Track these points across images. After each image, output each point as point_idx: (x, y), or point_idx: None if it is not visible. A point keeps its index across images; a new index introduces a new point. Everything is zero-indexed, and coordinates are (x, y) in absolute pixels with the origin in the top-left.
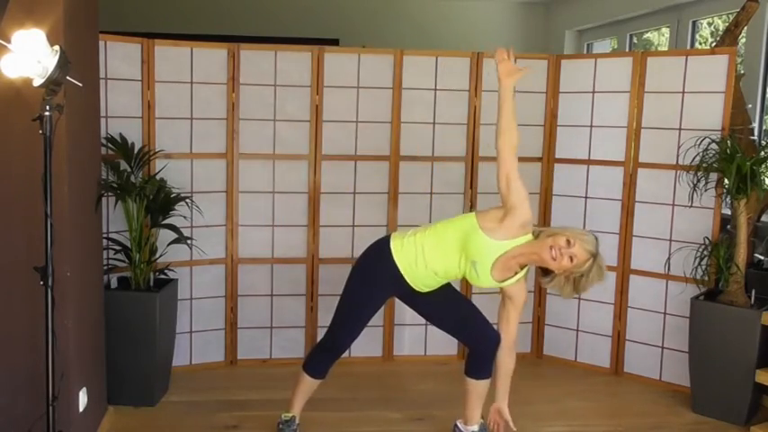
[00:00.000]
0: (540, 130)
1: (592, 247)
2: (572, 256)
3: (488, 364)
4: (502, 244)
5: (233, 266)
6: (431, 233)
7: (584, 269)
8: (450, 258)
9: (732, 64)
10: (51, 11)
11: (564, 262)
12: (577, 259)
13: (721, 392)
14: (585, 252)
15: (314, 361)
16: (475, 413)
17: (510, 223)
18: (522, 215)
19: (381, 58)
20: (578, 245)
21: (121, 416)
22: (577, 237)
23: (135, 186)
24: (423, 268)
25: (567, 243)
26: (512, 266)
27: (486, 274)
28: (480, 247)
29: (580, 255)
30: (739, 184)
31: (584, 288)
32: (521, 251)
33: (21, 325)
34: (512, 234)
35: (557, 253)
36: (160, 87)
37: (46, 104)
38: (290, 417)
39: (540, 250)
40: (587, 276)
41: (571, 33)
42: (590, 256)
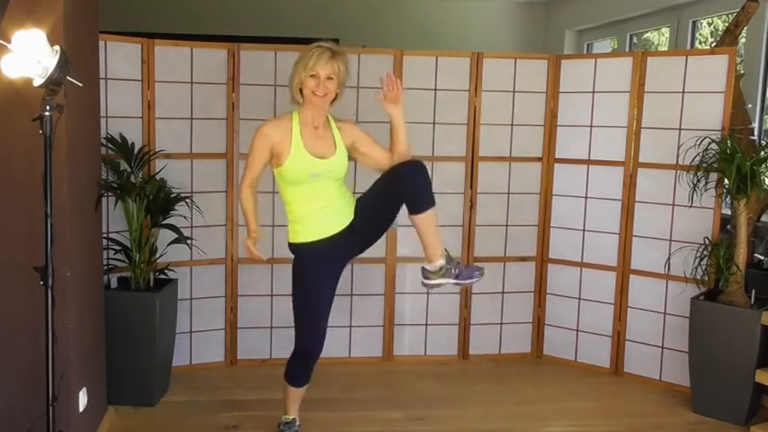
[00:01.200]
0: (540, 130)
1: (326, 54)
2: (327, 77)
3: (420, 191)
4: (294, 146)
5: (233, 266)
6: (283, 198)
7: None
8: (301, 190)
9: (732, 64)
10: (51, 11)
11: (325, 86)
12: (326, 72)
13: (721, 392)
14: (326, 61)
15: (292, 371)
16: (435, 247)
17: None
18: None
19: (381, 58)
20: (318, 67)
21: (121, 416)
22: (313, 64)
23: (135, 186)
24: (307, 218)
25: (315, 77)
26: (318, 135)
27: (309, 158)
28: (291, 168)
29: (326, 69)
30: (739, 184)
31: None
32: (303, 119)
33: (21, 325)
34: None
35: (316, 88)
36: (160, 87)
37: (46, 104)
38: (290, 419)
39: (307, 102)
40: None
41: (571, 33)
42: (331, 57)
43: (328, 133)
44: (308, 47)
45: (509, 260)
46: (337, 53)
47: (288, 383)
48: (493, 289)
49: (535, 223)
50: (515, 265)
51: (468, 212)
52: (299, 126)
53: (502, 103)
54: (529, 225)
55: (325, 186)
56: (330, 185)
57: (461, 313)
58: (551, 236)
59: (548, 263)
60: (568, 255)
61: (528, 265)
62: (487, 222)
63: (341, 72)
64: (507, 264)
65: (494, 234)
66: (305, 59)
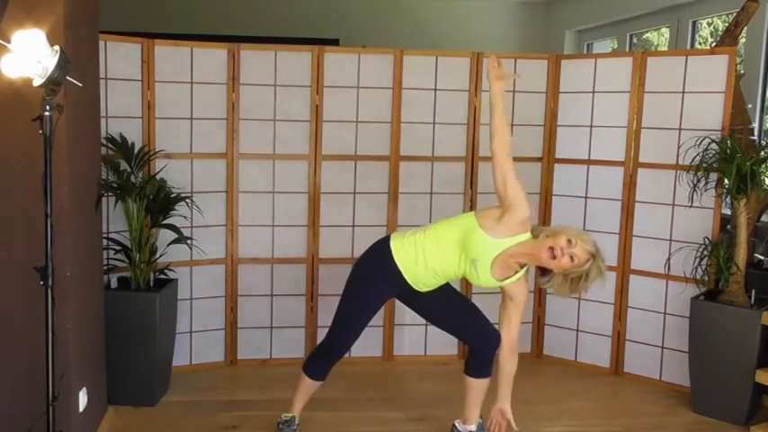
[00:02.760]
0: (540, 130)
1: (592, 248)
2: (572, 255)
3: (488, 363)
4: (501, 242)
5: (233, 266)
6: (431, 233)
7: (584, 269)
8: (449, 257)
9: (732, 64)
10: (51, 11)
11: (564, 261)
12: (578, 259)
13: (721, 392)
14: (586, 252)
15: (314, 363)
16: (473, 413)
17: (509, 221)
18: (520, 212)
19: (381, 58)
20: (579, 245)
21: (121, 416)
22: (578, 237)
23: (135, 186)
24: (423, 268)
25: (568, 243)
26: (511, 265)
27: (486, 272)
28: (479, 246)
29: (580, 255)
30: (739, 184)
31: (583, 288)
32: (520, 250)
33: (21, 325)
34: (511, 232)
35: (558, 252)
36: (160, 87)
37: (46, 104)
38: (289, 417)
39: (539, 250)
40: (586, 277)
41: (571, 33)
42: (590, 257)
43: (513, 271)
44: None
45: None
46: (595, 269)
47: (305, 375)
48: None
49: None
50: None
51: None
52: (516, 241)
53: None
54: None
55: (459, 269)
56: (459, 272)
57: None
58: None
59: None
60: None
61: None
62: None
63: (577, 268)
64: None
65: None
66: (581, 231)
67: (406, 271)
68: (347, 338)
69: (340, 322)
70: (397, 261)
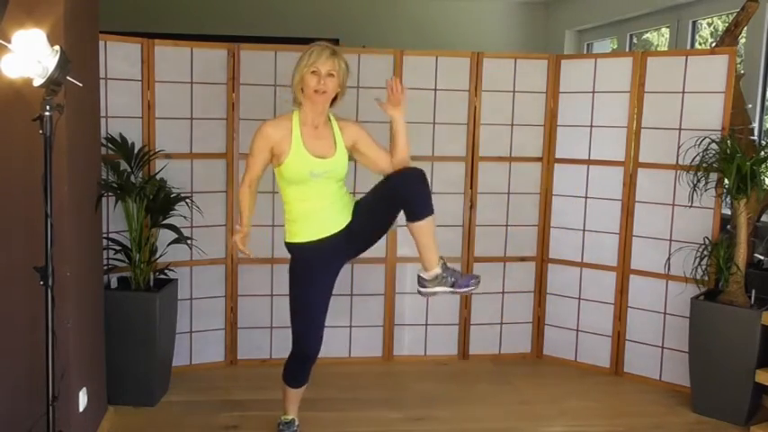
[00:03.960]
0: (540, 130)
1: (326, 50)
2: (328, 73)
3: (420, 200)
4: (293, 144)
5: (233, 266)
6: (283, 198)
7: (339, 64)
8: (301, 192)
9: (732, 64)
10: (51, 11)
11: (325, 83)
12: (327, 68)
13: (721, 392)
14: (327, 57)
15: (290, 372)
16: (431, 256)
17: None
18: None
19: (381, 58)
20: (319, 64)
21: (121, 416)
22: (314, 61)
23: (135, 186)
24: (308, 219)
25: (316, 74)
26: (318, 133)
27: (309, 158)
28: (293, 163)
29: (322, 67)
30: (739, 184)
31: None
32: (304, 119)
33: (21, 325)
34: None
35: (317, 84)
36: (160, 87)
37: (46, 104)
38: (289, 419)
39: (308, 100)
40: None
41: (571, 33)
42: (332, 54)
43: (329, 133)
44: (308, 46)
45: (509, 260)
46: (337, 52)
47: (286, 384)
48: (493, 289)
49: (535, 223)
50: (515, 265)
51: (468, 212)
52: (299, 126)
53: (502, 103)
54: (529, 225)
55: (325, 186)
56: (330, 186)
57: (461, 313)
58: (551, 236)
59: (548, 263)
60: (568, 255)
61: (528, 265)
62: (487, 222)
63: (342, 70)
64: (507, 264)
65: (494, 234)
66: (305, 57)
67: (307, 235)
68: (311, 339)
69: (298, 328)
70: (296, 240)
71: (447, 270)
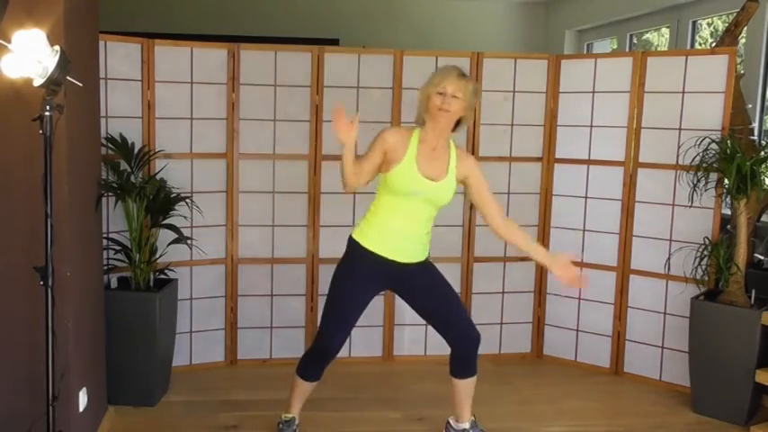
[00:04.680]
0: (540, 130)
1: (454, 71)
2: (453, 94)
3: (471, 362)
4: (405, 160)
5: (233, 266)
6: (374, 203)
7: (467, 89)
8: (398, 207)
9: (732, 64)
10: (51, 11)
11: (445, 102)
12: (453, 89)
13: (721, 392)
14: (454, 79)
15: (306, 365)
16: (465, 411)
17: (391, 161)
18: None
19: (381, 58)
20: (446, 83)
21: (121, 416)
22: (441, 80)
23: (135, 186)
24: (388, 233)
25: (442, 94)
26: (434, 155)
27: (424, 182)
28: (400, 177)
29: (450, 87)
30: (739, 184)
31: (476, 96)
32: (423, 136)
33: (21, 325)
34: (399, 155)
35: (442, 104)
36: (160, 87)
37: (46, 104)
38: (289, 417)
39: (431, 119)
40: (466, 89)
41: (571, 33)
42: (460, 76)
43: (444, 158)
44: (441, 68)
45: (509, 260)
46: (466, 75)
47: (299, 377)
48: (493, 289)
49: (535, 223)
50: (515, 265)
51: (468, 212)
52: (417, 141)
53: (502, 104)
54: (529, 225)
55: (418, 210)
56: (423, 211)
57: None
58: (551, 236)
59: None
60: None
61: (528, 265)
62: None
63: (468, 93)
64: (507, 264)
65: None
66: (434, 77)
67: (378, 248)
68: (336, 338)
69: (327, 324)
70: (364, 243)
71: (475, 428)
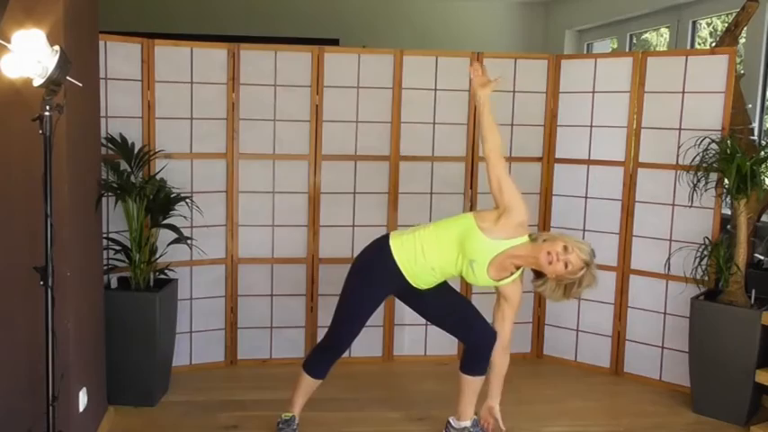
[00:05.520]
0: (540, 130)
1: (587, 256)
2: (567, 262)
3: (484, 361)
4: (498, 243)
5: (233, 266)
6: (430, 231)
7: (577, 276)
8: (448, 256)
9: (732, 64)
10: (51, 11)
11: (559, 267)
12: (572, 266)
13: (721, 392)
14: (580, 260)
15: (314, 361)
16: (468, 409)
17: (506, 222)
18: (517, 214)
19: (381, 58)
20: (575, 253)
21: (121, 416)
22: (575, 245)
23: (135, 186)
24: (422, 266)
25: (564, 249)
26: (507, 266)
27: (483, 272)
28: (477, 246)
29: (575, 262)
30: (739, 184)
31: (576, 294)
32: (517, 252)
33: (21, 325)
34: (508, 234)
35: (553, 258)
36: (160, 87)
37: (46, 104)
38: (289, 416)
39: (536, 253)
40: (579, 283)
41: (571, 33)
42: (584, 265)
43: (508, 273)
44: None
45: None
46: (588, 277)
47: (306, 373)
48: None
49: (536, 223)
50: None
51: None
52: (508, 248)
53: (502, 103)
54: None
55: (458, 267)
56: (459, 270)
57: None
58: None
59: None
60: None
61: None
62: None
63: (571, 274)
64: None
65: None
66: (577, 240)
67: (406, 269)
68: (348, 336)
69: (340, 321)
70: (397, 259)
71: (476, 427)
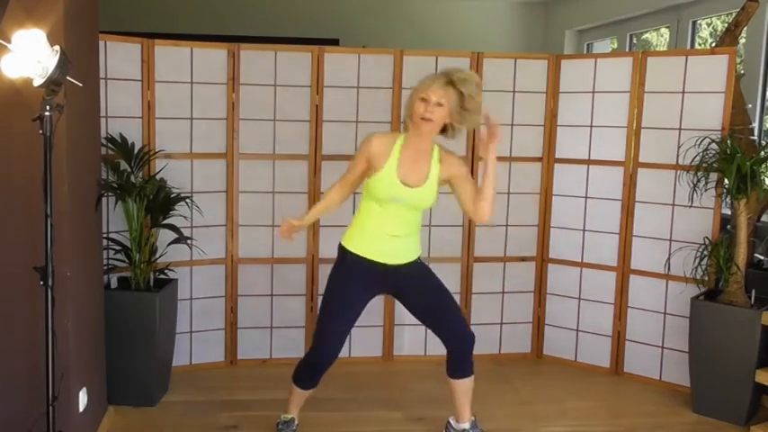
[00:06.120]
0: (540, 130)
1: (442, 78)
2: (428, 103)
3: (467, 362)
4: (390, 161)
5: (233, 266)
6: (359, 208)
7: (453, 98)
8: (371, 203)
9: (732, 64)
10: (51, 11)
11: (428, 110)
12: (434, 96)
13: (721, 392)
14: (438, 88)
15: (303, 375)
16: (464, 411)
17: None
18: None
19: (381, 58)
20: (430, 91)
21: (121, 416)
22: (426, 87)
23: (135, 186)
24: (374, 236)
25: (422, 100)
26: (415, 163)
27: (395, 182)
28: (381, 184)
29: (432, 95)
30: (739, 184)
31: (477, 103)
32: (407, 143)
33: (21, 325)
34: (382, 161)
35: (424, 112)
36: (160, 87)
37: (46, 104)
38: (289, 418)
39: (413, 126)
40: (462, 93)
41: (571, 33)
42: (444, 81)
43: (426, 163)
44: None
45: (509, 260)
46: (455, 83)
47: (295, 385)
48: (493, 289)
49: (535, 223)
50: (515, 265)
51: None
52: (400, 148)
53: (502, 103)
54: (529, 225)
55: (402, 214)
56: (406, 215)
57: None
58: (551, 236)
59: (548, 263)
60: (568, 255)
61: (528, 265)
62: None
63: (453, 102)
64: (507, 264)
65: (494, 234)
66: (421, 81)
67: (361, 249)
68: (332, 349)
69: (322, 333)
70: (352, 249)
71: (475, 428)
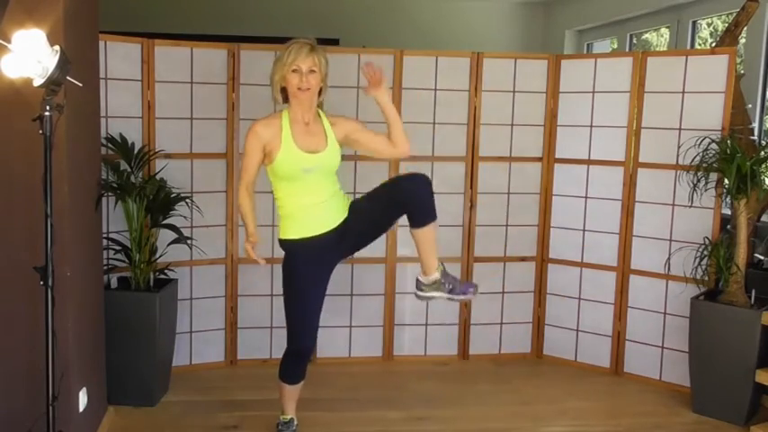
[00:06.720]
0: (540, 130)
1: (305, 47)
2: (309, 70)
3: (429, 208)
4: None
5: (233, 266)
6: (276, 195)
7: (315, 62)
8: (283, 184)
9: (732, 64)
10: (51, 11)
11: (308, 80)
12: (307, 65)
13: (721, 392)
14: (306, 54)
15: (286, 369)
16: (431, 260)
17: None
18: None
19: (381, 58)
20: (299, 61)
21: (121, 416)
22: (293, 60)
23: (135, 186)
24: (300, 214)
25: (297, 72)
26: (308, 131)
27: (300, 154)
28: (284, 162)
29: (302, 64)
30: (739, 184)
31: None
32: (293, 116)
33: (21, 325)
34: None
35: (300, 83)
36: (160, 87)
37: (46, 104)
38: (288, 419)
39: (294, 99)
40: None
41: (571, 33)
42: (311, 50)
43: (319, 128)
44: (286, 44)
45: (509, 260)
46: (316, 48)
47: (282, 382)
48: (493, 289)
49: (535, 223)
50: (515, 265)
51: (468, 212)
52: (289, 123)
53: (502, 103)
54: (529, 225)
55: (318, 182)
56: (323, 181)
57: (461, 313)
58: (551, 236)
59: (548, 263)
60: (568, 255)
61: (528, 265)
62: (487, 222)
63: (322, 65)
64: (507, 264)
65: (494, 234)
66: (285, 55)
67: (301, 232)
68: (304, 336)
69: (293, 325)
70: (290, 237)
71: (446, 276)
